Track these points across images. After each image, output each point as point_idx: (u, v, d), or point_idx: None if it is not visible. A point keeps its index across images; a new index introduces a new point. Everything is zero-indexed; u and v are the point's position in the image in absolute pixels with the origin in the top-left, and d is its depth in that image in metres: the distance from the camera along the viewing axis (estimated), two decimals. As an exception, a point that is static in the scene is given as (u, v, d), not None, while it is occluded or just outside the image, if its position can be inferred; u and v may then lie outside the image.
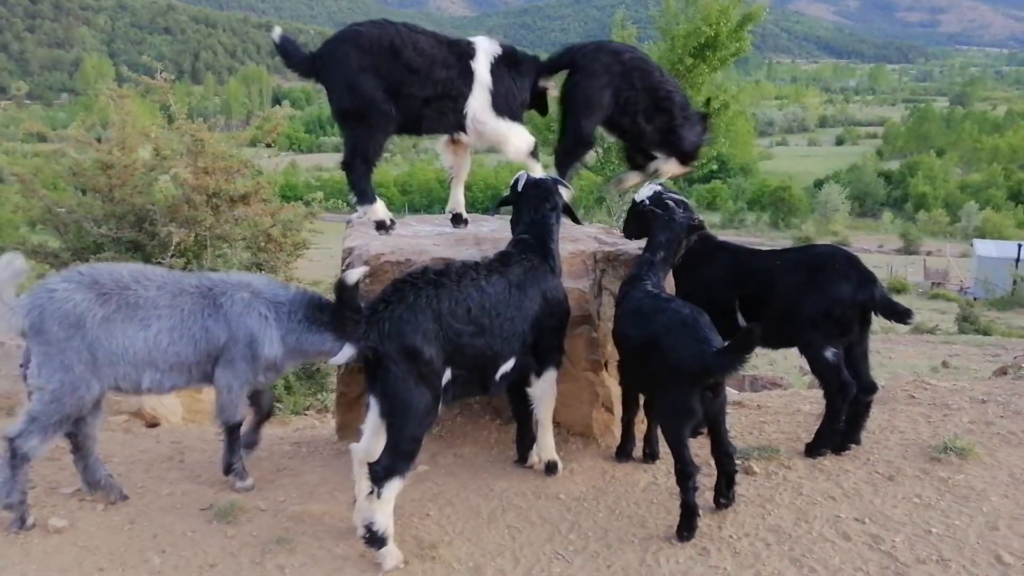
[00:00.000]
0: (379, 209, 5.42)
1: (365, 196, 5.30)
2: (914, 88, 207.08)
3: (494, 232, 5.50)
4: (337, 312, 3.81)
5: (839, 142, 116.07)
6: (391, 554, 3.97)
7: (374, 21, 5.14)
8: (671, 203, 5.08)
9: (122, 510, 4.63)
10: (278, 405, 9.19)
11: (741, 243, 5.79)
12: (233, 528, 4.37)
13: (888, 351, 18.20)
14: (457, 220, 5.74)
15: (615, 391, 5.12)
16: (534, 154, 5.54)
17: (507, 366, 4.43)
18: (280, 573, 3.97)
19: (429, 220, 5.74)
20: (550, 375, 4.68)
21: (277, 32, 5.04)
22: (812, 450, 5.10)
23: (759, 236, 64.35)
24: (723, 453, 4.22)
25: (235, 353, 4.66)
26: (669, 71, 19.46)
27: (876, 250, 58.92)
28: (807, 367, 5.70)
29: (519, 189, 4.91)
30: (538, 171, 5.41)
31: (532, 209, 4.81)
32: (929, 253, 57.07)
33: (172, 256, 10.09)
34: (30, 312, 4.37)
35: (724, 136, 21.79)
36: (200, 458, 5.57)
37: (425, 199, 69.59)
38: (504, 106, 5.34)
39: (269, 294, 4.74)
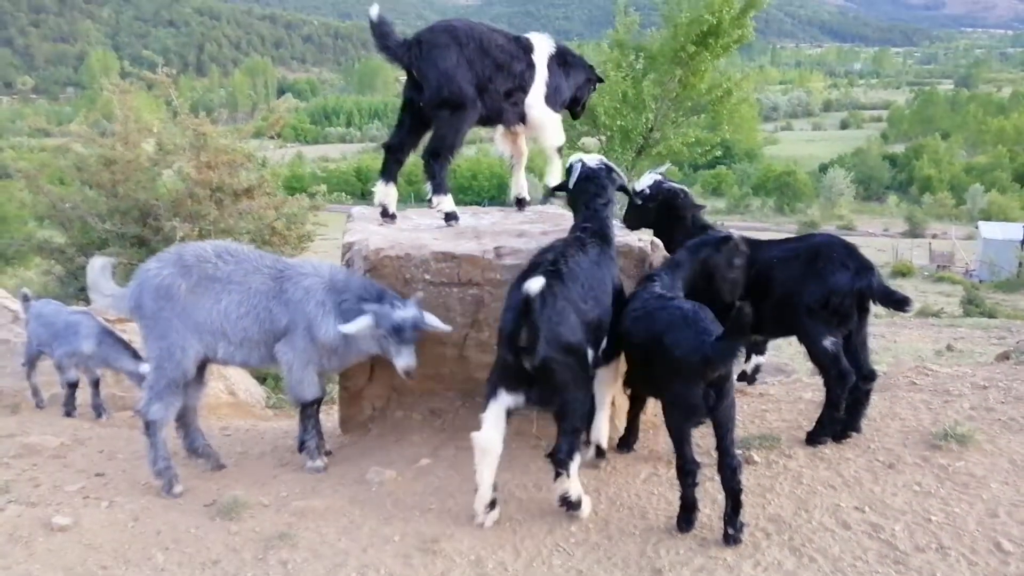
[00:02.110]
0: (451, 201, 5.60)
1: (442, 187, 5.49)
2: (919, 71, 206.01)
3: (494, 225, 5.51)
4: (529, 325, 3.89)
5: (844, 126, 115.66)
6: (586, 505, 4.32)
7: (459, 19, 5.42)
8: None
9: (126, 507, 4.66)
10: (283, 397, 9.22)
11: (747, 228, 5.78)
12: (236, 524, 4.40)
13: (893, 335, 18.18)
14: (521, 204, 6.00)
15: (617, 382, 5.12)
16: (560, 150, 5.79)
17: (604, 340, 4.51)
18: (283, 568, 3.99)
19: (429, 213, 5.74)
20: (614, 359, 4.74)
21: (375, 12, 5.17)
22: (813, 439, 5.11)
23: (764, 221, 64.22)
24: (726, 466, 4.01)
25: (296, 335, 4.87)
26: (672, 59, 19.66)
27: (881, 234, 58.77)
28: (811, 354, 5.70)
29: (573, 181, 4.86)
30: (557, 166, 5.75)
31: (587, 204, 4.77)
32: (935, 236, 56.80)
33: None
34: (132, 293, 4.86)
35: (728, 123, 21.74)
36: (204, 454, 5.60)
37: (431, 189, 69.21)
38: (553, 98, 5.65)
39: (331, 282, 4.90)
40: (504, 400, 4.13)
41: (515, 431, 5.16)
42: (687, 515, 4.17)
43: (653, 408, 5.66)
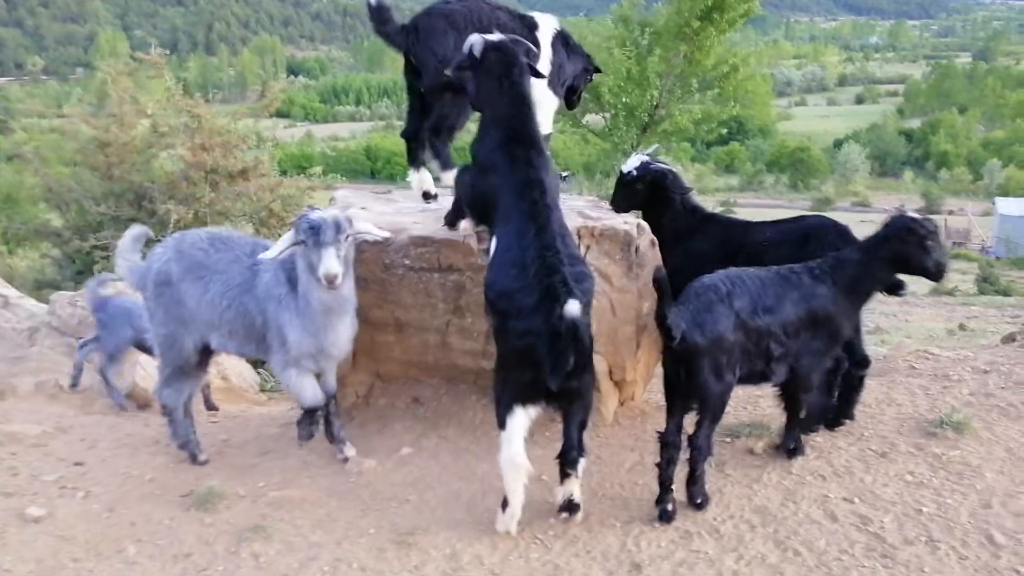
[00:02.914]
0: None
1: (449, 163, 5.26)
2: (936, 44, 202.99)
3: None
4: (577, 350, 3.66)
5: (859, 101, 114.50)
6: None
7: None
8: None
9: (102, 498, 4.59)
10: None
11: (760, 205, 5.63)
12: (210, 515, 4.32)
13: (905, 314, 17.96)
14: None
15: (601, 369, 5.00)
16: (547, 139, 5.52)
17: None
18: (254, 561, 3.91)
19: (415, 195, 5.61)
20: None
21: None
22: (804, 427, 4.97)
23: (778, 198, 63.80)
24: (691, 444, 4.06)
25: (271, 339, 4.54)
26: (676, 34, 19.34)
27: (897, 210, 58.11)
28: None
29: (480, 51, 4.21)
30: None
31: (509, 95, 4.15)
32: (951, 212, 56.22)
33: (172, 234, 10.06)
34: (141, 273, 4.83)
35: (734, 99, 21.43)
36: (187, 441, 5.50)
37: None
38: (556, 81, 5.39)
39: (285, 267, 4.44)
40: (521, 414, 3.85)
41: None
42: (661, 496, 4.09)
43: (643, 395, 5.57)
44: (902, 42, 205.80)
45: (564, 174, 5.52)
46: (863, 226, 5.05)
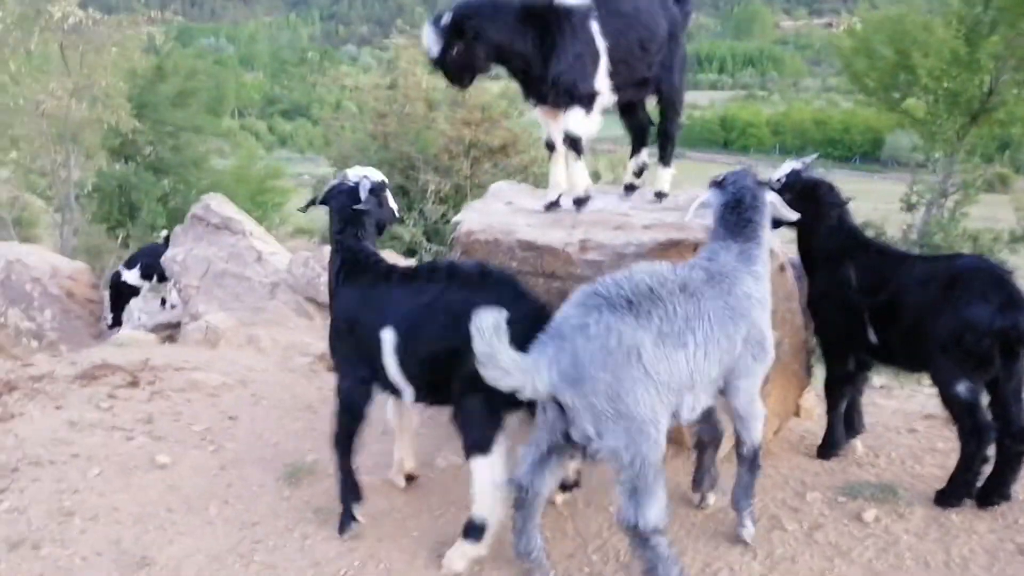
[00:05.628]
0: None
1: None
2: None
3: (594, 213, 4.97)
4: None
5: None
6: None
7: None
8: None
9: (225, 453, 5.02)
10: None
11: None
12: (290, 489, 4.56)
13: None
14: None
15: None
16: (578, 145, 4.79)
17: None
18: (302, 542, 4.08)
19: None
20: None
21: None
22: (942, 499, 4.22)
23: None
24: None
25: (743, 358, 3.72)
26: (1018, 11, 16.30)
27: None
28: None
29: None
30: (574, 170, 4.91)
31: None
32: None
33: (432, 203, 10.63)
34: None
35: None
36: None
37: (799, 140, 66.73)
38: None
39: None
40: None
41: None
42: None
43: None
44: None
45: (809, 159, 4.96)
46: None
